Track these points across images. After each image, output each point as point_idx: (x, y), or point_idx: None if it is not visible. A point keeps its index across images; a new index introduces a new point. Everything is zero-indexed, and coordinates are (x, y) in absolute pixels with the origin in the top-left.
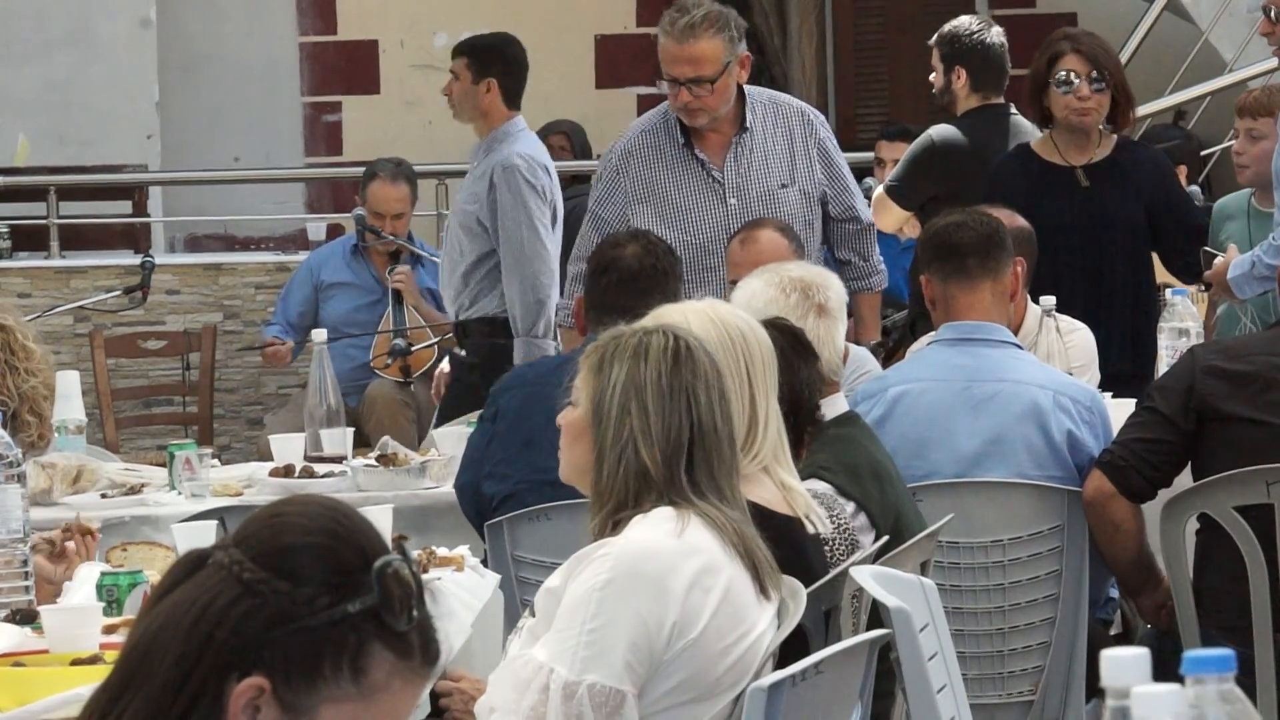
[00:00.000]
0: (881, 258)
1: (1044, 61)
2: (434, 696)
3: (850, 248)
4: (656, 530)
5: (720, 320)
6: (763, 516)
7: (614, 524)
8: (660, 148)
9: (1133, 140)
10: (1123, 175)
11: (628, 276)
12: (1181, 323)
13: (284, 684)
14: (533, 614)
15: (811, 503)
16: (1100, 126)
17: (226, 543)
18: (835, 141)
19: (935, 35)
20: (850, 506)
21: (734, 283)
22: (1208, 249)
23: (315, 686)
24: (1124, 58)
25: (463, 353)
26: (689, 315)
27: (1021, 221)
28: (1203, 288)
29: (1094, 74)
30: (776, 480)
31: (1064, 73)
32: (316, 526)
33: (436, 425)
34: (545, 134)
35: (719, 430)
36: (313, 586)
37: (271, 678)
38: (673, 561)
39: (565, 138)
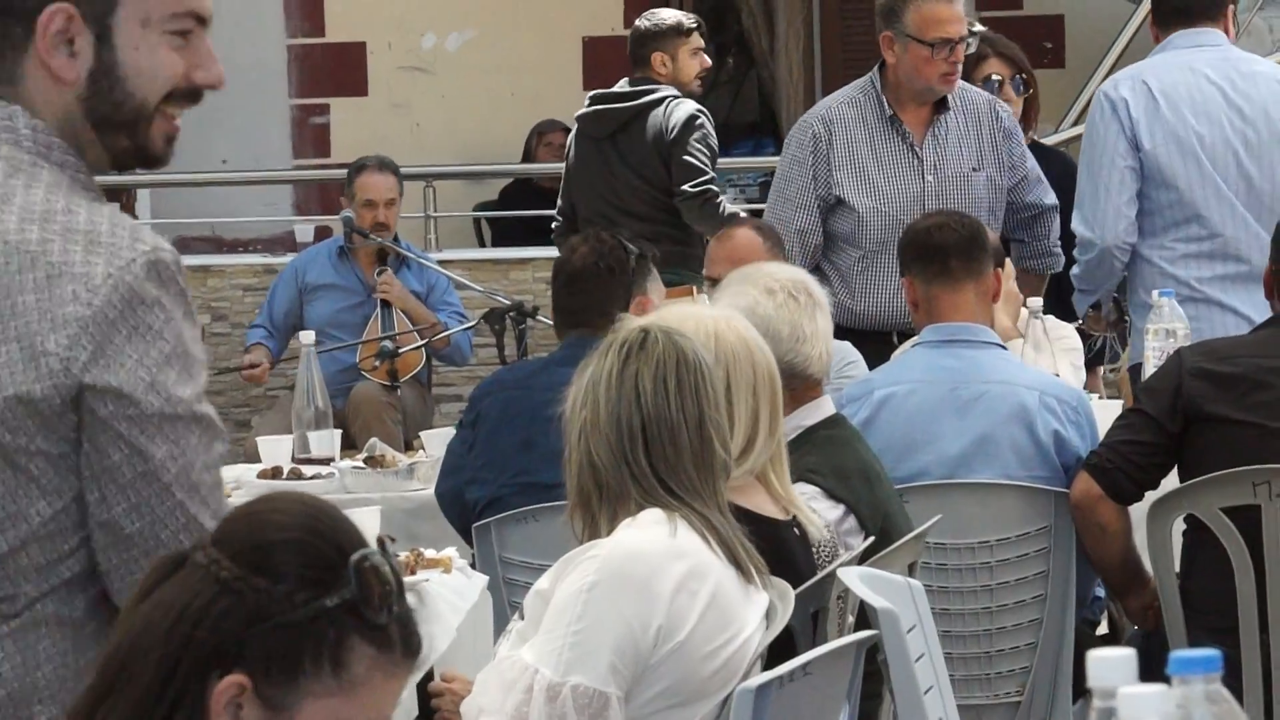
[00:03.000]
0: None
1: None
2: (426, 696)
3: (1029, 230)
4: (644, 533)
5: (717, 333)
6: (748, 520)
7: (590, 522)
8: (865, 118)
9: (1042, 144)
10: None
11: (573, 276)
12: (1168, 324)
13: (265, 680)
14: (522, 616)
15: (806, 509)
16: None
17: (204, 542)
18: (1020, 134)
19: None
20: (839, 509)
21: (712, 280)
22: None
23: (296, 682)
24: (1111, 58)
25: None
26: (686, 321)
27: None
28: None
29: (1016, 77)
30: (770, 486)
31: (991, 75)
32: (293, 523)
33: None
34: (544, 130)
35: (673, 419)
36: (291, 582)
37: (252, 675)
38: (659, 564)
39: (561, 135)
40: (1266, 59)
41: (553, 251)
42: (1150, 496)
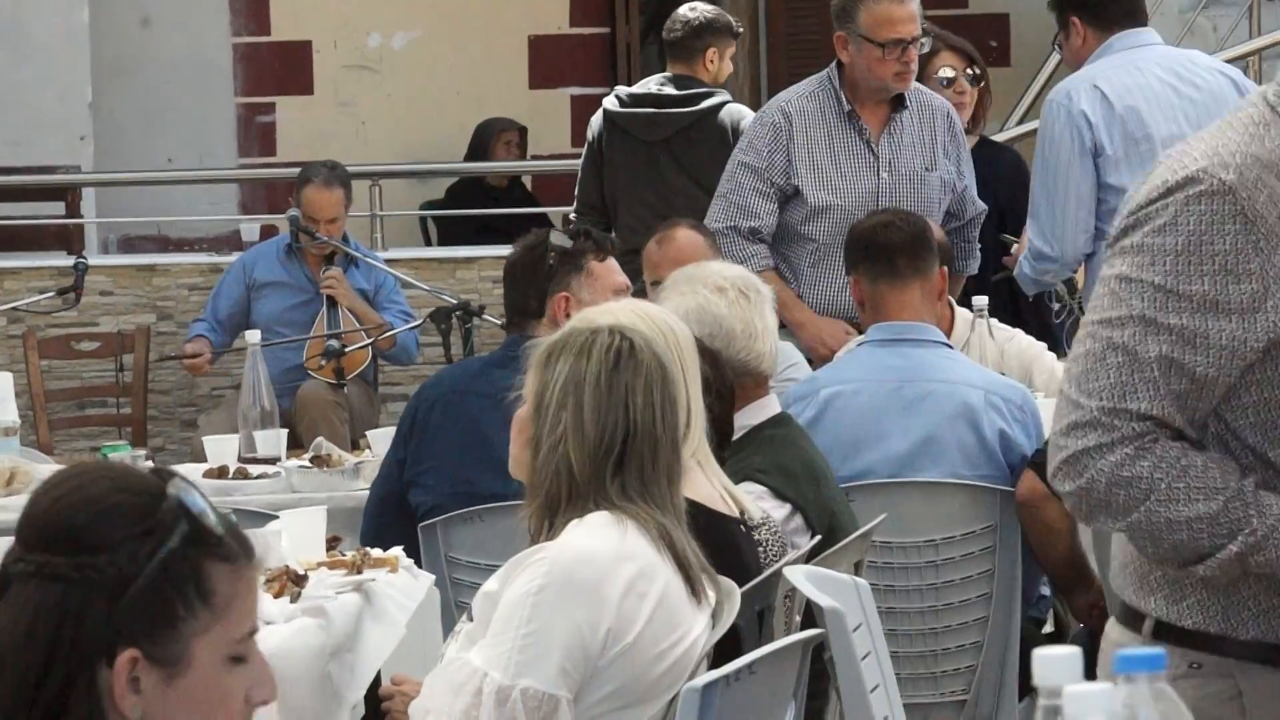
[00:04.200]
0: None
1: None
2: (375, 701)
3: (960, 235)
4: (593, 536)
5: (649, 316)
6: (699, 513)
7: (550, 524)
8: (824, 112)
9: (992, 141)
10: (980, 177)
11: (509, 267)
12: None
13: (150, 644)
14: (470, 618)
15: (744, 497)
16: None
17: (15, 555)
18: (966, 145)
19: None
20: (785, 508)
21: (654, 283)
22: (1006, 235)
23: (177, 630)
24: (1056, 58)
25: None
26: (617, 313)
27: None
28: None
29: (969, 70)
30: (711, 476)
31: (945, 69)
32: (98, 491)
33: None
34: (498, 129)
35: (658, 433)
36: (128, 545)
37: (138, 645)
38: (608, 567)
39: (518, 134)
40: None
41: (499, 250)
42: None
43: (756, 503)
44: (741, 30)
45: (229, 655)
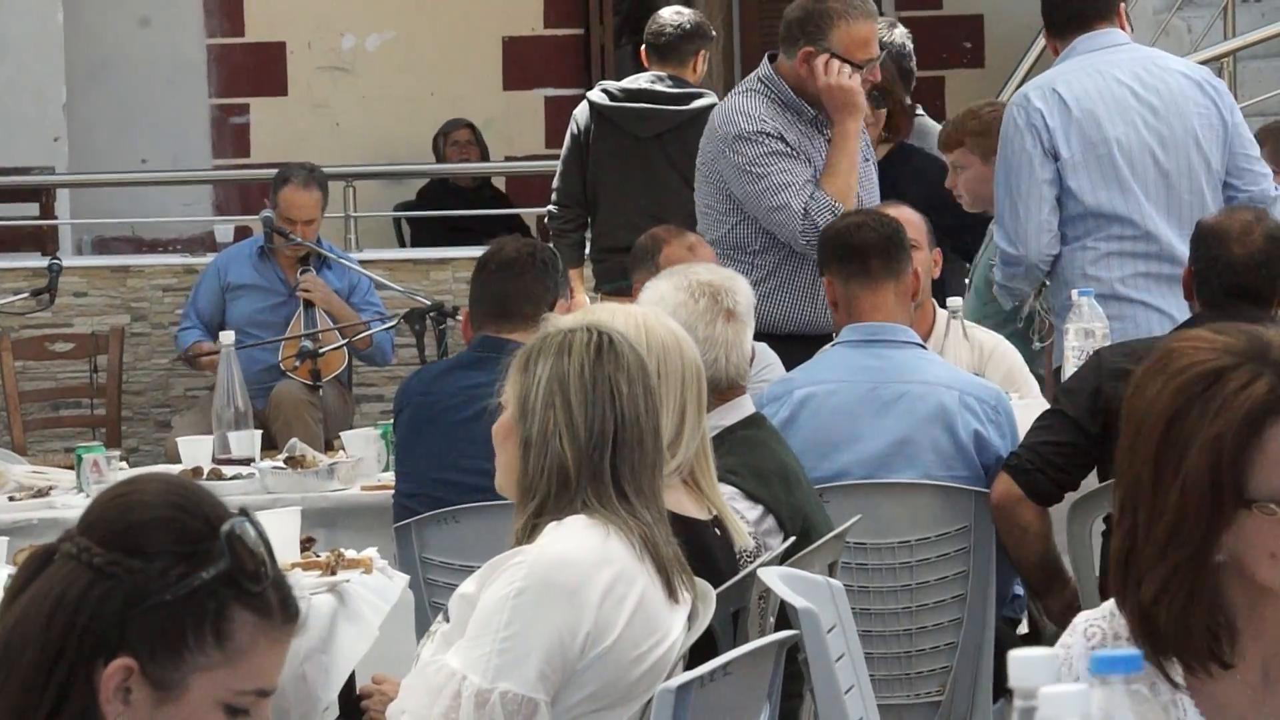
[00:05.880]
0: None
1: None
2: (354, 698)
3: None
4: (571, 539)
5: (647, 326)
6: (671, 519)
7: (534, 528)
8: (791, 123)
9: (911, 146)
10: (892, 184)
11: (505, 263)
12: (1087, 324)
13: (150, 661)
14: (445, 619)
15: (732, 513)
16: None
17: (72, 533)
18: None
19: None
20: (758, 509)
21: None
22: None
23: (182, 658)
24: (1031, 58)
25: None
26: (617, 317)
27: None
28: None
29: (873, 92)
30: (694, 485)
31: None
32: (159, 501)
33: None
34: (444, 131)
35: (642, 423)
36: (164, 560)
37: (137, 657)
38: (587, 571)
39: (470, 131)
40: (1180, 57)
41: (473, 252)
42: (1070, 496)
43: (729, 503)
44: (714, 34)
45: (226, 703)
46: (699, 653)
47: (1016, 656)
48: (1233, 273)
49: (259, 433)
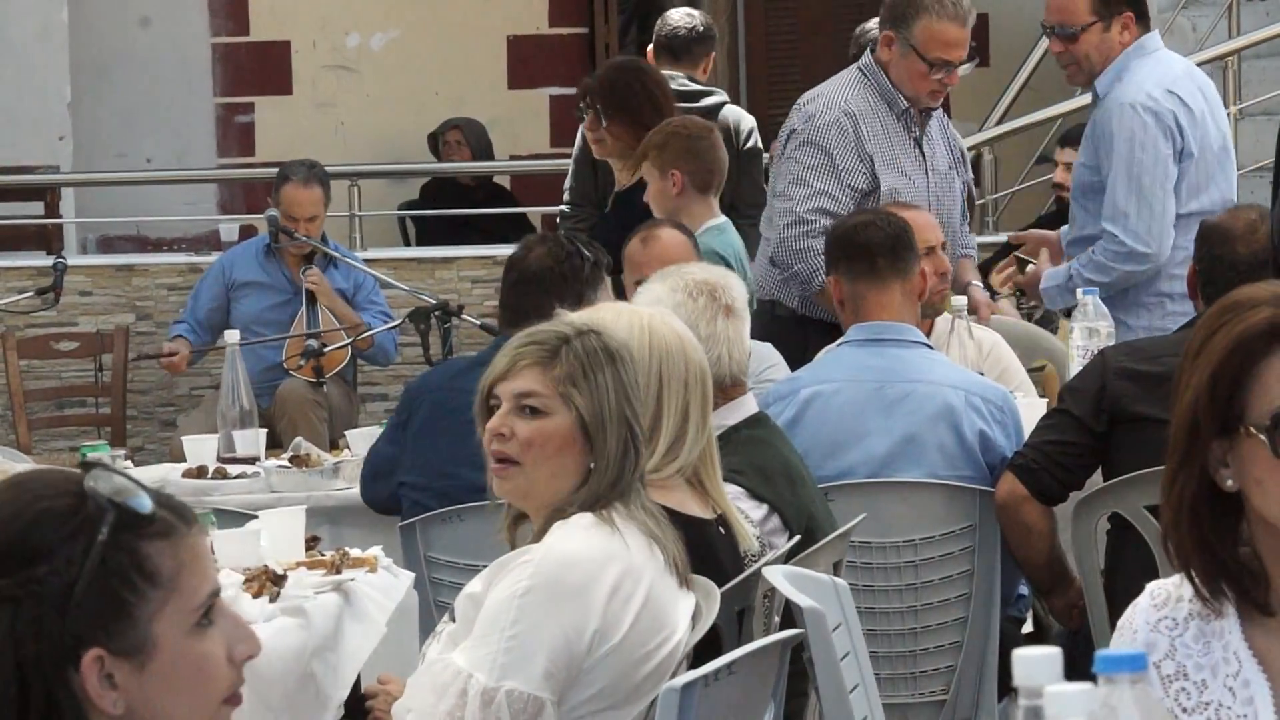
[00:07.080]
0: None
1: None
2: (359, 698)
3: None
4: (578, 538)
5: (651, 328)
6: (672, 520)
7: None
8: (875, 110)
9: None
10: None
11: (528, 277)
12: (1092, 323)
13: (110, 639)
14: (452, 618)
15: (737, 514)
16: None
17: None
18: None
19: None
20: (763, 508)
21: (637, 282)
22: (1020, 254)
23: (133, 618)
24: (1034, 59)
25: None
26: (620, 318)
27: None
28: (1018, 294)
29: None
30: (699, 486)
31: None
32: (17, 506)
33: None
34: (440, 131)
35: (648, 421)
36: (61, 549)
37: (98, 643)
38: (594, 570)
39: (460, 132)
40: (1183, 56)
41: (478, 250)
42: (1075, 495)
43: (733, 502)
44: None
45: (193, 624)
46: (704, 651)
47: (1021, 655)
48: (1237, 271)
49: (264, 431)
